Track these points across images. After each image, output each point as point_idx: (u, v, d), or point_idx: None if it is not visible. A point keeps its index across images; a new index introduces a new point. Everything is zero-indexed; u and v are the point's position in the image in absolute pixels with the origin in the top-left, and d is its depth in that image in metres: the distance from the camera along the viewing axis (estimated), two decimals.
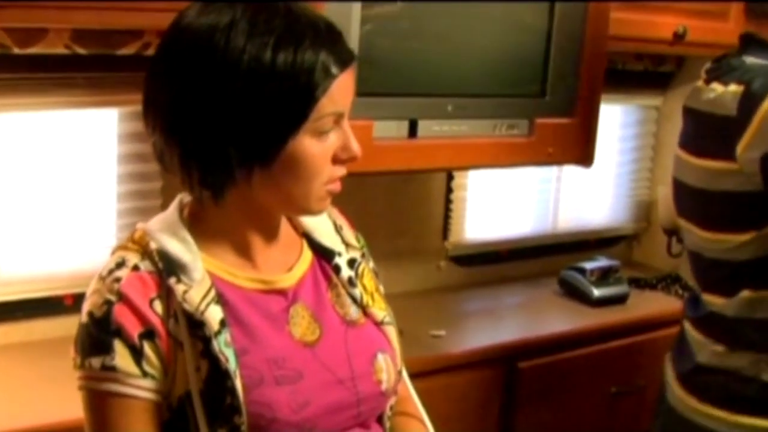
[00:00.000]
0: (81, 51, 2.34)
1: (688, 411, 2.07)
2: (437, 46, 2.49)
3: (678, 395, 2.10)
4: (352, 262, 1.56)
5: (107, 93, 2.43)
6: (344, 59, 1.36)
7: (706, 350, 2.05)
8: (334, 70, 1.34)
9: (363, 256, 1.61)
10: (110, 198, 2.56)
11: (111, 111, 2.50)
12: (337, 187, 1.42)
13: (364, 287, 1.55)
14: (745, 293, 1.98)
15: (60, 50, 2.32)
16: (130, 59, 2.40)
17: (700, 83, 2.09)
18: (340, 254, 1.55)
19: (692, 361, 2.08)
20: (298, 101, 1.32)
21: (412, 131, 2.47)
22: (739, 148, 1.90)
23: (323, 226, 1.57)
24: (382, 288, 1.61)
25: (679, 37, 2.95)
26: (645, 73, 3.54)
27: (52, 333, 2.48)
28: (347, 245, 1.58)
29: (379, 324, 1.54)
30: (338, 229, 1.59)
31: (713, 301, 2.05)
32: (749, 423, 1.98)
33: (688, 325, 2.14)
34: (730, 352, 2.01)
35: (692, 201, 2.09)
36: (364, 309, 1.53)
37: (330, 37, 1.36)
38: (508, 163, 2.82)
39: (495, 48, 2.59)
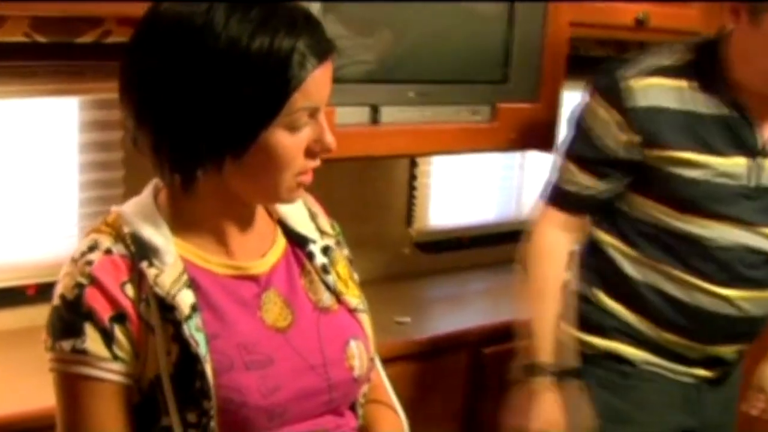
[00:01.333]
0: (40, 39, 2.32)
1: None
2: (399, 33, 2.49)
3: None
4: (326, 250, 1.55)
5: (67, 81, 2.42)
6: (322, 50, 1.35)
7: (571, 273, 2.25)
8: (310, 63, 1.32)
9: (338, 243, 1.60)
10: (72, 187, 2.54)
11: (71, 100, 2.48)
12: (308, 178, 1.42)
13: (338, 274, 1.55)
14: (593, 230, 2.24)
15: (19, 38, 2.30)
16: (90, 47, 2.38)
17: None
18: (314, 241, 1.54)
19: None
20: (270, 95, 1.31)
21: (375, 117, 2.46)
22: None
23: (298, 213, 1.56)
24: (356, 276, 1.61)
25: (640, 23, 2.96)
26: (607, 59, 3.55)
27: (14, 324, 2.45)
28: (322, 233, 1.57)
29: (352, 311, 1.53)
30: (313, 217, 1.58)
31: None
32: (588, 341, 2.19)
33: None
34: (577, 278, 2.23)
35: None
36: (337, 296, 1.53)
37: (308, 27, 1.34)
38: (470, 149, 2.83)
39: (457, 34, 2.58)
